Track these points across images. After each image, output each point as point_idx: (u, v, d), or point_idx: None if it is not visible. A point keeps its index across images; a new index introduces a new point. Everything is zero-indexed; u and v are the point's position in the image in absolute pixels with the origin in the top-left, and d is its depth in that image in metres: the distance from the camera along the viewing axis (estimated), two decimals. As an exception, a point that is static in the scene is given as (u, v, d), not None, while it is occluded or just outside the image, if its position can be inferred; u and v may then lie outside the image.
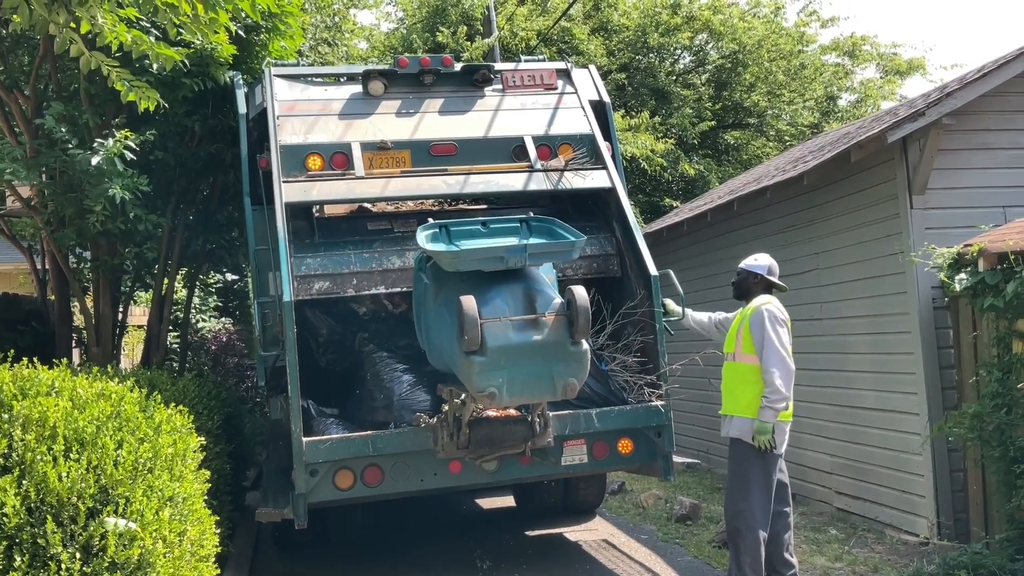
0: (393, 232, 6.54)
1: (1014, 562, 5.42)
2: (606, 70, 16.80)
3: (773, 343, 5.30)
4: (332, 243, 6.39)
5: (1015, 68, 6.71)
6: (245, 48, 7.79)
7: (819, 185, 7.73)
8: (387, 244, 6.43)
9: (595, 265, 6.58)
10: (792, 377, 5.33)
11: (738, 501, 5.41)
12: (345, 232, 6.60)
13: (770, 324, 5.34)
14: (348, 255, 6.28)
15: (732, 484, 5.53)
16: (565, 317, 4.94)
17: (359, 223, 6.78)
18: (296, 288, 5.86)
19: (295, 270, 5.95)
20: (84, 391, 3.96)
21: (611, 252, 6.61)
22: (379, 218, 6.90)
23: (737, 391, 5.49)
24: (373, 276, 6.24)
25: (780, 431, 5.38)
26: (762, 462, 5.37)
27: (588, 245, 6.24)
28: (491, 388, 4.79)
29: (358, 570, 6.82)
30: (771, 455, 5.38)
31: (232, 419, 7.86)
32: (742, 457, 5.44)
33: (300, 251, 6.18)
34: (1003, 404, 5.69)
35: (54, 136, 6.75)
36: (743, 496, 5.39)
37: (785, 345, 5.34)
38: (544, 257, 5.20)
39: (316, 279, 6.12)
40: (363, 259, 6.28)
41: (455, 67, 6.94)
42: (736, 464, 5.49)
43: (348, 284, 6.19)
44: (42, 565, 3.18)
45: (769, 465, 5.40)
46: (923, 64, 19.17)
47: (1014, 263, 5.57)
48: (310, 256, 6.19)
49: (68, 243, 7.42)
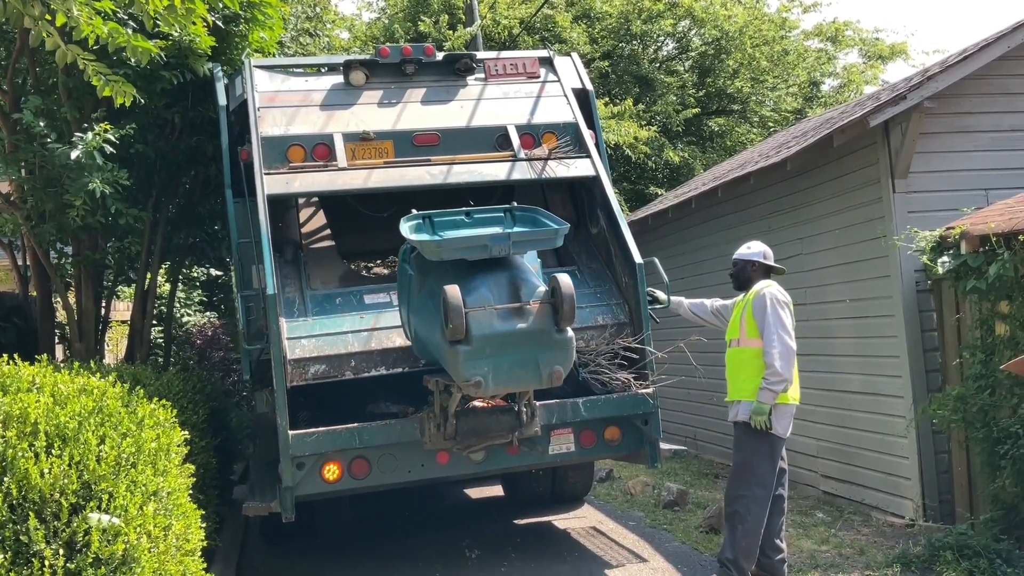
0: (393, 305, 6.02)
1: (998, 542, 5.47)
2: (589, 58, 16.78)
3: (774, 325, 5.33)
4: (326, 318, 5.97)
5: (996, 51, 6.73)
6: (224, 39, 7.71)
7: (802, 170, 7.75)
8: (387, 316, 5.99)
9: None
10: (793, 359, 5.35)
11: (740, 486, 5.44)
12: (340, 306, 6.12)
13: (771, 306, 5.37)
14: (346, 336, 5.84)
15: (736, 469, 5.55)
16: (550, 305, 4.94)
17: (353, 295, 6.24)
18: (290, 373, 5.54)
19: (289, 352, 5.58)
20: (65, 387, 3.92)
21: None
22: (377, 290, 6.35)
23: (742, 376, 5.51)
24: (373, 356, 5.80)
25: (784, 415, 5.40)
26: (768, 449, 5.39)
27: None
28: (477, 377, 4.78)
29: (346, 562, 6.81)
30: (778, 441, 5.40)
31: (218, 413, 7.83)
32: (747, 443, 5.46)
33: (293, 331, 5.78)
34: (986, 386, 5.73)
35: (33, 130, 6.67)
36: (745, 482, 5.41)
37: (787, 327, 5.36)
38: (528, 245, 5.21)
39: (311, 363, 5.69)
40: (361, 338, 5.84)
41: (437, 56, 6.91)
42: (741, 450, 5.51)
43: (346, 366, 5.79)
44: (25, 562, 3.15)
45: (775, 452, 5.42)
46: (905, 49, 19.27)
47: (996, 245, 5.60)
48: (304, 337, 5.78)
49: (49, 238, 7.35)
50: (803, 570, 5.83)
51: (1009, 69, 6.92)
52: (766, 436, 5.36)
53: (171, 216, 8.82)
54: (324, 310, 6.01)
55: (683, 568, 6.16)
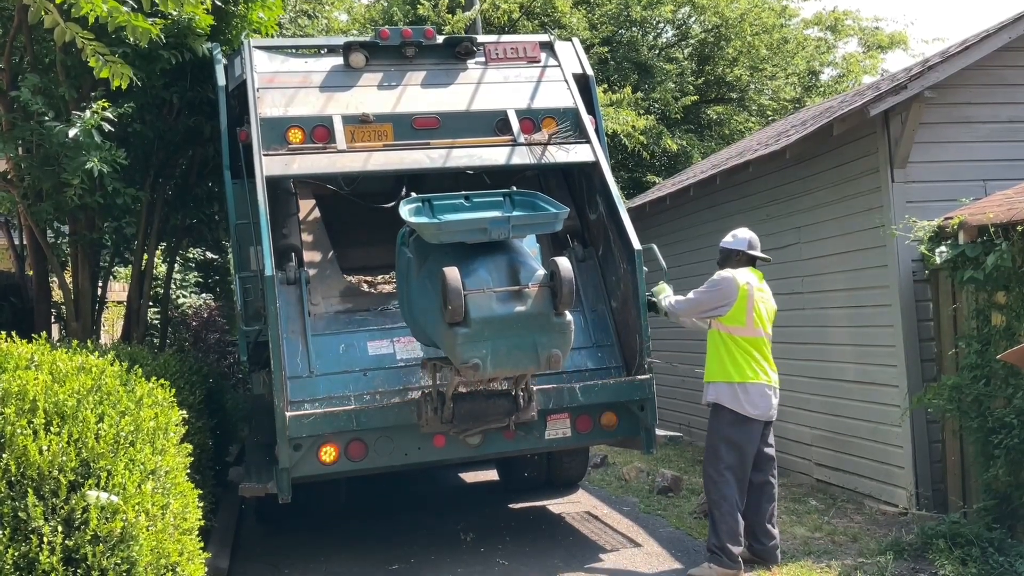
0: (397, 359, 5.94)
1: (991, 531, 5.50)
2: (588, 43, 16.70)
3: (702, 289, 5.65)
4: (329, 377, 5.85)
5: (996, 42, 6.72)
6: (223, 19, 7.67)
7: (801, 159, 7.74)
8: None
9: None
10: (691, 314, 5.82)
11: (709, 469, 5.55)
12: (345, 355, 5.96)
13: (711, 280, 5.65)
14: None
15: (705, 453, 5.70)
16: (549, 288, 4.95)
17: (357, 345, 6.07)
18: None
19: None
20: (64, 364, 3.93)
21: None
22: (380, 336, 6.15)
23: (709, 357, 5.68)
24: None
25: (752, 394, 5.50)
26: (733, 430, 5.47)
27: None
28: (475, 359, 4.79)
29: (341, 544, 6.83)
30: (747, 422, 5.45)
31: (214, 394, 7.83)
32: (712, 424, 5.62)
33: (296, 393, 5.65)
34: (981, 376, 5.76)
35: (30, 108, 6.63)
36: (713, 464, 5.54)
37: (709, 298, 5.61)
38: (527, 229, 5.22)
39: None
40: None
41: (437, 39, 6.88)
42: (708, 433, 5.66)
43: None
44: (23, 539, 3.17)
45: (744, 433, 5.47)
46: (905, 38, 19.22)
47: (994, 236, 5.61)
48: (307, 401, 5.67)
49: (46, 217, 7.33)
50: (796, 556, 5.87)
51: (1009, 60, 6.91)
52: (731, 417, 5.47)
53: (168, 197, 8.79)
54: (327, 360, 5.88)
55: (676, 553, 6.19)
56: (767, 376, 5.55)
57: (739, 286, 5.53)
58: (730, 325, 5.55)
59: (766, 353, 5.61)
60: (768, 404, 5.54)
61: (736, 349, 5.52)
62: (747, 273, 5.67)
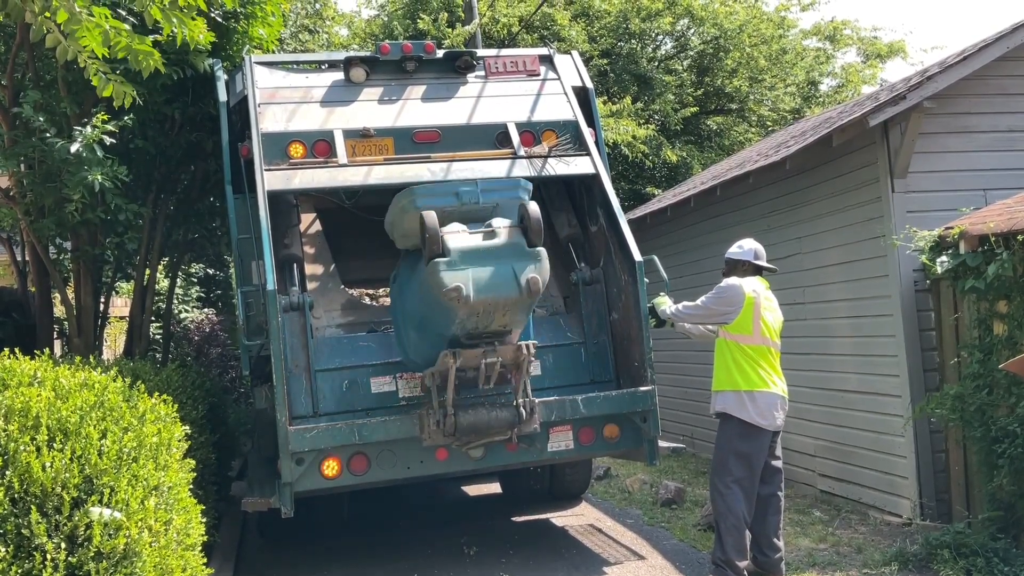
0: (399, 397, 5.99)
1: (996, 540, 5.49)
2: (588, 56, 16.75)
3: (709, 296, 5.66)
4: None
5: (995, 51, 6.74)
6: (224, 35, 7.71)
7: (801, 170, 7.76)
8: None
9: None
10: (697, 320, 5.84)
11: (717, 481, 5.52)
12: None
13: (718, 288, 5.65)
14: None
15: (712, 464, 5.67)
16: (519, 228, 5.18)
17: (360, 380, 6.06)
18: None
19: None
20: (67, 381, 3.93)
21: None
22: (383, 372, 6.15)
23: (717, 366, 5.68)
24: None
25: (758, 402, 5.47)
26: (742, 442, 5.45)
27: None
28: (457, 284, 4.87)
29: (344, 558, 6.82)
30: (755, 432, 5.43)
31: (216, 409, 7.83)
32: (720, 436, 5.60)
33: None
34: (984, 385, 5.75)
35: (32, 125, 6.65)
36: (721, 476, 5.51)
37: (717, 303, 5.61)
38: (495, 194, 5.48)
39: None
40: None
41: (437, 54, 6.91)
42: (716, 444, 5.64)
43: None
44: (27, 556, 3.16)
45: (752, 445, 5.45)
46: (903, 47, 19.26)
47: (995, 245, 5.62)
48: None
49: (48, 233, 7.34)
50: (801, 568, 5.85)
51: (1007, 70, 6.93)
52: (739, 427, 5.44)
53: (170, 212, 8.81)
54: (330, 398, 5.91)
55: (681, 565, 6.17)
56: (775, 385, 5.54)
57: (745, 294, 5.54)
58: (737, 333, 5.54)
59: (773, 363, 5.60)
60: (776, 413, 5.53)
61: (743, 358, 5.51)
62: (754, 282, 5.67)
